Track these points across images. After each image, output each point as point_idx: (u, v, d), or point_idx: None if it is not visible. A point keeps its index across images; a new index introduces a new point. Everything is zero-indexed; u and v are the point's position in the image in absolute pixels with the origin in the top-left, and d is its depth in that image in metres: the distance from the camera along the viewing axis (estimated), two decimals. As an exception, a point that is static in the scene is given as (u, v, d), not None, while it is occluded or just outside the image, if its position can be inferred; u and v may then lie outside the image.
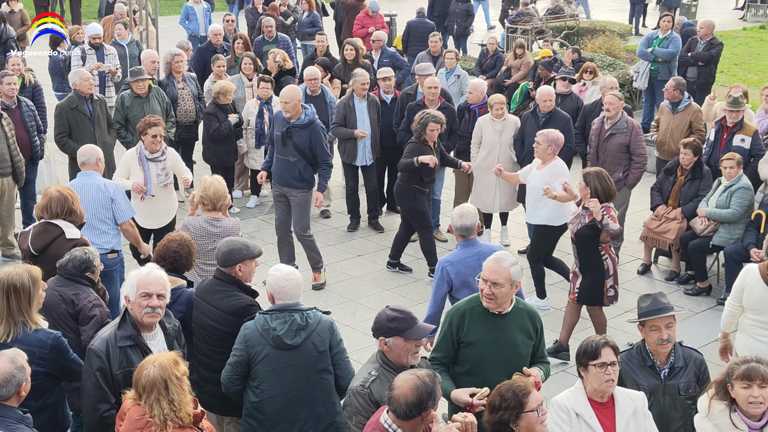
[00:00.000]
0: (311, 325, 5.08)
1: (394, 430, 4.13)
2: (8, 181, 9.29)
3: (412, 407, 4.05)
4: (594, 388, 4.67)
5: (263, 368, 5.06)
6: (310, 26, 17.03)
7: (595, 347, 4.64)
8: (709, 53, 13.51)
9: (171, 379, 4.23)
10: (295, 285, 5.16)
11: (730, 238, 8.77)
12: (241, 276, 5.58)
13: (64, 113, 9.81)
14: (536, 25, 18.03)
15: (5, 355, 4.44)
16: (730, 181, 8.81)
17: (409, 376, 4.14)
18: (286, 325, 5.04)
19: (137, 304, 4.88)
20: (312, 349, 5.06)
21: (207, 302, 5.52)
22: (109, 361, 4.75)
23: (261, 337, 5.05)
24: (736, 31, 23.64)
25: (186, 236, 6.02)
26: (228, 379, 5.18)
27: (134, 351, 4.83)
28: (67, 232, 6.48)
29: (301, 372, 5.05)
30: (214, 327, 5.47)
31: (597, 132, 9.66)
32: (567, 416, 4.64)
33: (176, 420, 4.20)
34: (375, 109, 10.42)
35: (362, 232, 10.75)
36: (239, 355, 5.11)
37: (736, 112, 9.51)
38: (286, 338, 5.02)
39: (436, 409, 4.18)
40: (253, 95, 11.21)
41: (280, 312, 5.09)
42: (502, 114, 9.79)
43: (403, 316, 4.67)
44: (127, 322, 4.90)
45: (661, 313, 5.09)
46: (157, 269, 5.08)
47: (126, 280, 5.02)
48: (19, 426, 4.33)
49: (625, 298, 9.04)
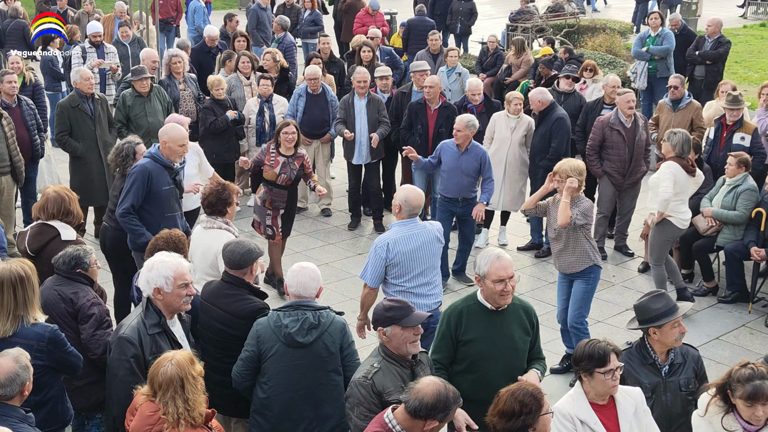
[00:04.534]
0: (323, 324, 5.08)
1: (393, 426, 4.15)
2: (7, 180, 9.29)
3: (424, 407, 4.06)
4: (598, 392, 4.65)
5: (273, 365, 5.07)
6: (311, 25, 17.04)
7: (603, 354, 4.56)
8: (716, 51, 13.49)
9: (187, 377, 4.25)
10: (312, 278, 5.16)
11: (735, 239, 8.77)
12: (252, 276, 5.58)
13: (65, 112, 9.80)
14: (537, 23, 18.03)
15: (9, 354, 4.47)
16: (736, 181, 8.78)
17: (438, 380, 4.18)
18: (298, 323, 5.05)
19: (176, 294, 4.96)
20: (323, 348, 5.06)
21: (216, 306, 5.49)
22: (142, 348, 4.82)
23: (273, 334, 5.07)
24: (737, 29, 23.62)
25: (175, 233, 5.98)
26: (239, 374, 5.20)
27: (162, 338, 4.93)
28: (63, 234, 6.48)
29: (310, 371, 5.05)
30: (224, 331, 5.44)
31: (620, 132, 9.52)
32: (571, 424, 4.61)
33: (189, 419, 4.22)
34: (375, 107, 10.42)
35: (363, 230, 10.76)
36: (250, 351, 5.13)
37: (736, 110, 9.51)
38: (298, 336, 5.02)
39: (441, 428, 4.19)
40: (252, 94, 11.21)
41: (293, 309, 5.11)
42: (518, 110, 9.84)
43: (399, 305, 4.73)
44: (151, 310, 4.96)
45: (680, 311, 5.12)
46: (180, 257, 5.11)
47: (152, 272, 4.97)
48: (21, 425, 4.35)
49: (626, 296, 9.05)
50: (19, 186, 9.59)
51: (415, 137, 10.08)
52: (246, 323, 5.31)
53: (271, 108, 10.75)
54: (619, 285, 9.33)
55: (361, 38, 13.46)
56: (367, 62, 12.10)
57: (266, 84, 10.78)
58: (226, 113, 10.56)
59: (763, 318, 8.59)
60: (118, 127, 10.14)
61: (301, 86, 10.94)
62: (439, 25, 17.07)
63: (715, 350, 8.00)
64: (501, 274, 5.07)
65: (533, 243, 10.25)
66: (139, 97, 10.12)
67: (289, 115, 10.74)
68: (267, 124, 10.68)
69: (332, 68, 12.57)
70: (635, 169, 9.66)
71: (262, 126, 10.72)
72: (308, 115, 10.78)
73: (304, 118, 10.76)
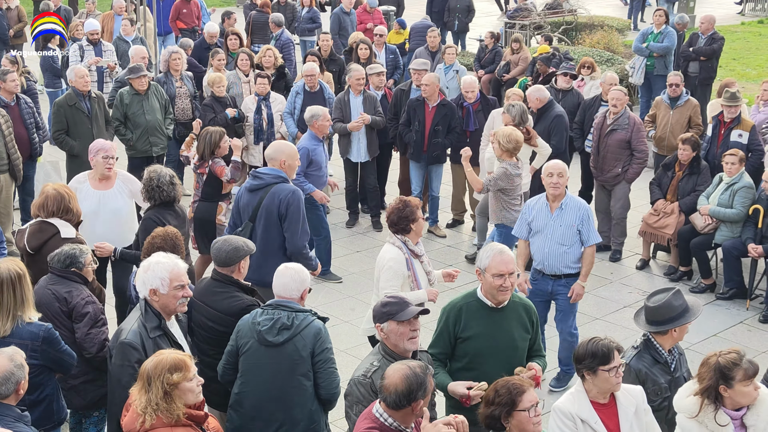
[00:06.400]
0: (297, 326, 5.04)
1: (385, 419, 4.15)
2: (5, 178, 9.28)
3: (401, 397, 4.07)
4: (600, 389, 4.64)
5: (246, 361, 5.10)
6: (309, 22, 17.00)
7: (607, 351, 4.55)
8: (710, 48, 13.50)
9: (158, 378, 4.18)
10: (294, 280, 5.15)
11: (733, 236, 8.77)
12: (241, 273, 5.58)
13: (62, 110, 9.79)
14: (534, 20, 18.02)
15: (4, 353, 4.45)
16: (732, 179, 8.79)
17: (400, 366, 4.18)
18: (270, 321, 5.04)
19: (172, 296, 4.94)
20: (293, 351, 5.01)
21: (206, 304, 5.51)
22: (145, 352, 4.79)
23: (249, 330, 5.09)
24: (735, 26, 23.61)
25: (171, 230, 5.96)
26: (221, 367, 5.26)
27: (163, 340, 4.93)
28: (63, 231, 6.47)
29: (279, 372, 5.02)
30: (215, 329, 5.47)
31: (599, 126, 9.68)
32: (572, 423, 4.60)
33: (150, 413, 4.17)
34: (372, 105, 10.42)
35: (361, 228, 10.76)
36: (231, 344, 5.20)
37: (734, 107, 9.51)
38: (268, 335, 5.02)
39: (427, 403, 4.19)
40: (250, 91, 11.20)
41: (272, 308, 5.11)
42: None
43: (396, 301, 4.73)
44: (150, 313, 4.94)
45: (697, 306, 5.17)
46: (176, 259, 5.10)
47: (148, 273, 4.95)
48: (17, 424, 4.34)
49: (623, 293, 9.06)
50: (17, 184, 9.59)
51: (412, 133, 10.10)
52: (235, 320, 5.34)
53: (268, 106, 10.75)
54: (617, 282, 9.34)
55: (358, 35, 13.46)
56: (365, 60, 12.09)
57: (263, 82, 10.77)
58: (226, 111, 10.55)
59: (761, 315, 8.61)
60: (115, 125, 10.13)
61: (298, 84, 10.93)
62: (436, 23, 17.07)
63: (713, 347, 7.98)
64: (501, 269, 5.07)
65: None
66: (136, 95, 10.11)
67: (287, 112, 10.74)
68: (264, 122, 10.68)
69: (332, 66, 12.56)
70: (604, 167, 9.53)
71: (259, 124, 10.72)
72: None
73: (301, 116, 10.73)
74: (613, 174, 9.57)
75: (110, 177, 7.62)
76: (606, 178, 9.70)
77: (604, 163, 9.59)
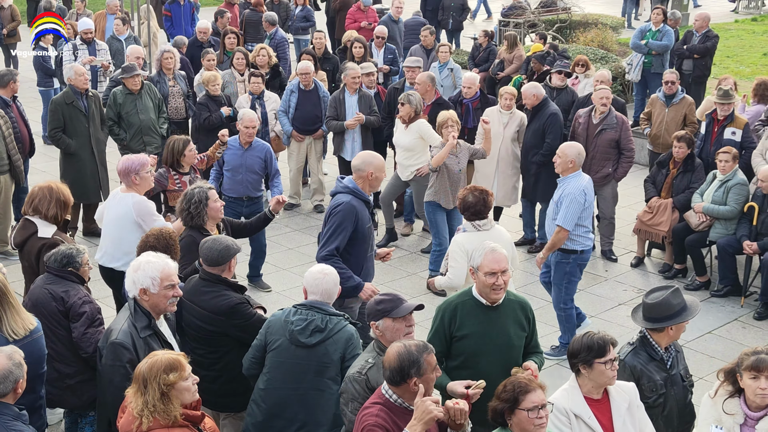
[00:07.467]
0: (330, 330, 5.06)
1: (390, 396, 4.26)
2: (5, 179, 9.25)
3: (394, 372, 4.18)
4: (596, 383, 4.66)
5: (274, 358, 5.10)
6: (303, 21, 16.99)
7: (603, 343, 4.59)
8: (704, 46, 13.52)
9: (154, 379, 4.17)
10: (328, 282, 5.15)
11: (727, 233, 8.80)
12: (230, 271, 5.57)
13: (59, 108, 9.75)
14: (528, 18, 18.02)
15: (3, 351, 4.45)
16: (726, 176, 8.82)
17: (398, 343, 4.30)
18: (304, 322, 5.06)
19: (162, 295, 4.93)
20: (324, 354, 5.04)
21: (195, 304, 5.50)
22: (136, 352, 4.79)
23: (281, 327, 5.11)
24: (728, 24, 23.66)
25: (165, 230, 5.95)
26: (247, 359, 5.27)
27: (153, 339, 4.92)
28: (40, 231, 6.46)
29: (307, 373, 5.04)
30: (204, 328, 5.47)
31: (585, 126, 9.62)
32: (566, 418, 4.62)
33: (148, 416, 4.15)
34: (366, 103, 10.41)
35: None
36: (259, 339, 5.20)
37: (727, 104, 9.52)
38: (301, 336, 5.03)
39: (427, 382, 4.22)
40: (245, 90, 11.19)
41: (306, 309, 5.13)
42: (510, 106, 9.82)
43: (389, 298, 4.75)
44: (140, 312, 4.93)
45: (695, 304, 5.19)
46: (167, 258, 5.08)
47: (138, 272, 4.93)
48: (15, 423, 4.34)
49: (618, 291, 9.07)
50: (18, 185, 9.52)
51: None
52: (224, 319, 5.36)
53: (262, 104, 10.74)
54: (611, 280, 9.35)
55: (352, 34, 13.45)
56: (359, 58, 12.09)
57: (257, 81, 10.76)
58: (221, 110, 10.54)
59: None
60: (109, 125, 10.10)
61: (293, 82, 10.93)
62: (431, 21, 17.07)
63: (708, 344, 8.03)
64: (493, 267, 5.07)
65: (526, 238, 10.26)
66: (130, 95, 10.09)
67: (282, 111, 10.73)
68: (259, 120, 10.65)
69: (326, 64, 12.56)
70: (593, 167, 9.42)
71: (253, 123, 10.69)
72: (300, 111, 10.76)
73: (296, 114, 10.75)
74: (603, 174, 9.53)
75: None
76: (595, 179, 9.65)
77: (593, 163, 9.48)
